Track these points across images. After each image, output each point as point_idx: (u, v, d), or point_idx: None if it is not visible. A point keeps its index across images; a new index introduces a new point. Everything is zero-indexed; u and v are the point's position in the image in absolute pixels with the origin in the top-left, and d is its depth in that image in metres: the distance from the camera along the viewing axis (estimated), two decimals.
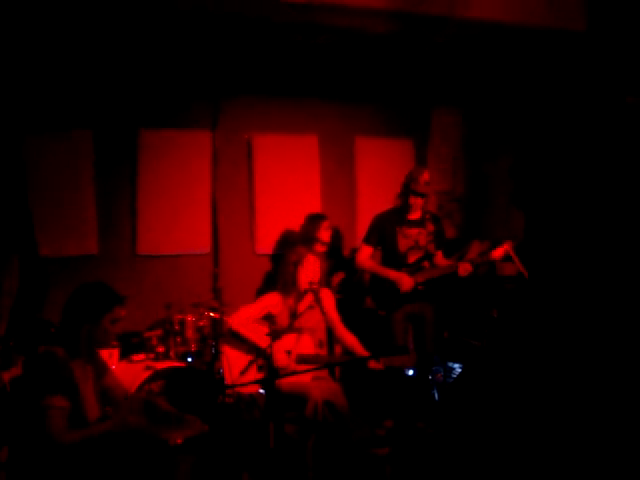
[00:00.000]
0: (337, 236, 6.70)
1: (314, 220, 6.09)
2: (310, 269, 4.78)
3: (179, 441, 3.26)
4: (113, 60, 6.10)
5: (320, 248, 5.90)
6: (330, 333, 5.05)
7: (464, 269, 5.43)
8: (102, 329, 3.40)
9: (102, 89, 6.26)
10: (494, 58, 6.63)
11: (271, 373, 4.43)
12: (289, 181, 6.92)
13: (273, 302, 4.85)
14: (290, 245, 5.76)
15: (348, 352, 4.91)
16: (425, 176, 5.53)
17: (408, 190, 5.51)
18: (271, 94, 6.88)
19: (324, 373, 4.82)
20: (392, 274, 5.52)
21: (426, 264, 5.60)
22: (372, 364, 4.51)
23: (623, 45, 5.80)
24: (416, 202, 5.52)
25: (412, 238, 5.59)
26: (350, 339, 4.84)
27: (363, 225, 6.26)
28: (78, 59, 5.96)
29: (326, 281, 5.03)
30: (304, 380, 4.60)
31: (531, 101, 6.97)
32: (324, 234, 6.02)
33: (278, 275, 5.08)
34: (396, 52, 6.47)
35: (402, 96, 7.40)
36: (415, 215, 5.63)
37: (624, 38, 5.77)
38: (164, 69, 6.35)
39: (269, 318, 4.85)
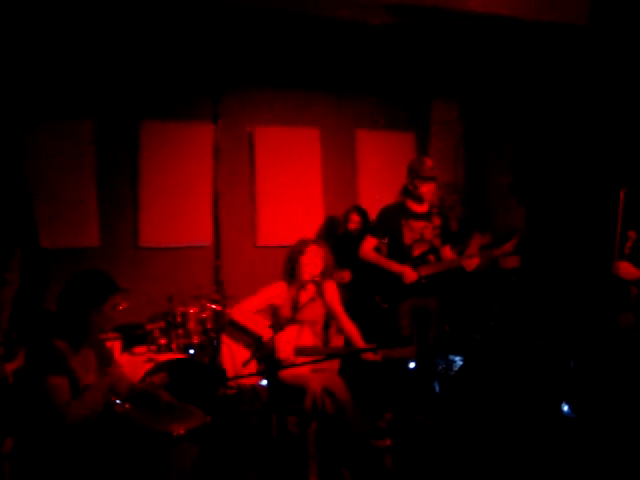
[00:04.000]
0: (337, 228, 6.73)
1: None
2: (312, 260, 4.77)
3: (182, 432, 3.27)
4: (115, 50, 6.10)
5: (352, 226, 6.26)
6: (326, 325, 5.04)
7: (471, 263, 5.41)
8: (104, 315, 3.41)
9: (104, 79, 6.26)
10: (494, 50, 6.63)
11: (273, 365, 4.45)
12: (290, 174, 6.93)
13: (276, 292, 4.84)
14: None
15: (349, 343, 4.91)
16: (428, 162, 5.54)
17: (416, 176, 5.48)
18: (273, 87, 6.90)
19: (326, 365, 4.82)
20: (395, 266, 5.51)
21: (431, 258, 5.59)
22: (369, 356, 4.49)
23: (624, 39, 5.78)
24: (428, 188, 5.48)
25: (418, 231, 5.57)
26: (351, 330, 4.84)
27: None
28: (80, 49, 5.95)
29: (330, 275, 5.01)
30: (303, 372, 4.61)
31: (531, 93, 6.97)
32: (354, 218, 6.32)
33: (282, 266, 5.07)
34: (396, 45, 6.46)
35: (403, 89, 7.41)
36: (422, 208, 5.60)
37: (625, 32, 5.76)
38: (166, 60, 6.35)
39: (272, 309, 4.85)
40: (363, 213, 6.51)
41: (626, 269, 4.62)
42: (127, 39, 5.95)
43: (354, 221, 6.47)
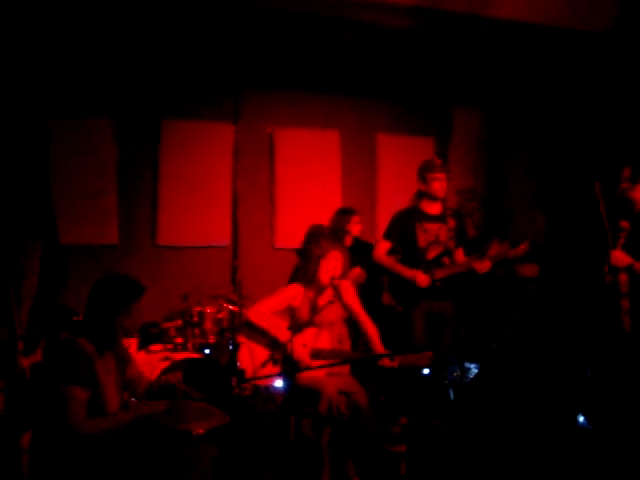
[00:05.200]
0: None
1: (344, 214, 6.09)
2: (333, 264, 4.76)
3: (202, 431, 3.26)
4: (138, 50, 6.13)
5: (348, 242, 5.90)
6: (352, 328, 5.02)
7: (483, 266, 5.39)
8: (132, 318, 3.42)
9: (126, 78, 6.29)
10: (516, 57, 6.60)
11: (291, 367, 4.44)
12: (310, 176, 6.93)
13: (293, 294, 4.83)
14: (313, 238, 5.75)
15: (367, 344, 4.89)
16: (437, 160, 5.67)
17: (427, 172, 5.52)
18: (294, 89, 6.90)
19: (343, 369, 4.81)
20: (407, 272, 5.49)
21: (446, 260, 5.57)
22: (386, 362, 4.48)
23: None
24: (440, 183, 5.50)
25: (432, 233, 5.56)
26: (372, 332, 4.81)
27: (383, 221, 6.26)
28: (103, 47, 5.99)
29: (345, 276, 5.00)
30: (319, 375, 4.59)
31: (553, 100, 6.94)
32: (355, 227, 6.02)
33: (301, 268, 5.06)
34: (419, 49, 6.46)
35: (424, 94, 7.40)
36: (436, 210, 5.61)
37: None
38: (189, 60, 6.37)
39: (290, 311, 4.84)
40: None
41: (618, 257, 4.66)
42: (150, 38, 5.98)
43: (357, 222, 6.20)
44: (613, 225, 4.76)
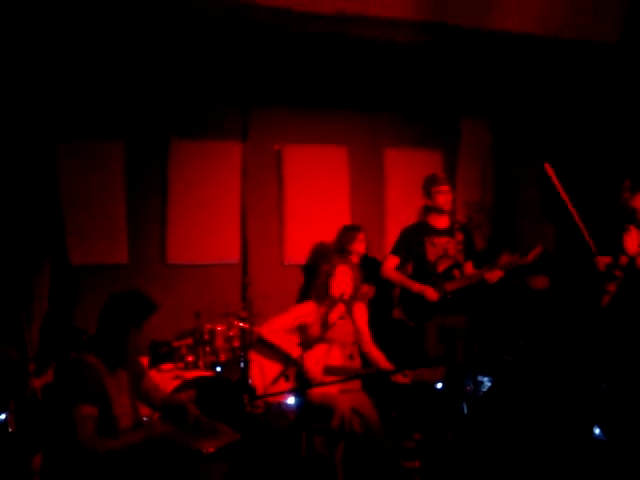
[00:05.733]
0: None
1: (349, 231, 6.10)
2: (342, 279, 4.76)
3: (212, 450, 3.25)
4: (146, 71, 6.14)
5: (355, 259, 5.90)
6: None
7: (494, 275, 5.37)
8: (143, 335, 3.42)
9: (135, 99, 6.32)
10: (523, 68, 6.60)
11: (303, 383, 4.43)
12: (318, 192, 6.92)
13: (306, 312, 4.84)
14: (323, 255, 5.75)
15: (372, 366, 4.88)
16: (440, 173, 5.83)
17: (431, 186, 5.58)
18: (301, 105, 6.91)
19: (355, 385, 4.79)
20: (416, 286, 5.49)
21: (456, 273, 5.56)
22: (399, 378, 4.46)
23: None
24: (445, 197, 5.53)
25: (441, 247, 5.57)
26: (377, 355, 4.81)
27: (392, 236, 6.23)
28: (112, 69, 6.00)
29: (359, 294, 5.01)
30: (332, 392, 4.58)
31: (560, 111, 6.94)
32: (359, 246, 6.03)
33: (311, 285, 5.07)
34: (425, 63, 6.45)
35: (431, 107, 7.39)
36: (443, 224, 5.63)
37: None
38: (196, 80, 6.38)
39: (301, 328, 4.84)
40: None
41: (601, 261, 4.80)
42: (158, 60, 6.00)
43: (362, 240, 6.18)
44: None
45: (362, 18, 5.40)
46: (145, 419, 3.67)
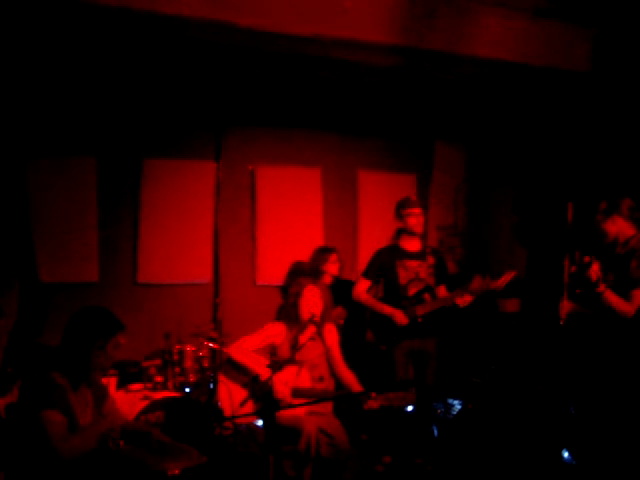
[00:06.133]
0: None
1: (322, 253, 6.13)
2: (311, 300, 4.75)
3: (177, 472, 3.22)
4: (118, 90, 6.13)
5: (327, 280, 5.90)
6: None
7: (464, 300, 5.39)
8: (107, 354, 3.38)
9: (107, 118, 6.29)
10: (496, 94, 6.68)
11: (270, 405, 4.39)
12: (291, 213, 6.92)
13: (276, 332, 4.82)
14: (294, 276, 5.75)
15: (344, 389, 4.86)
16: (412, 196, 5.84)
17: (402, 208, 5.62)
18: (275, 126, 6.92)
19: (324, 408, 4.76)
20: (386, 309, 5.51)
21: (427, 297, 5.58)
22: (368, 405, 4.42)
23: (627, 86, 5.84)
24: (416, 219, 5.56)
25: (412, 270, 5.60)
26: (349, 377, 4.80)
27: (364, 258, 6.26)
28: (84, 87, 5.99)
29: (329, 316, 5.00)
30: (299, 413, 4.56)
31: (534, 136, 7.02)
32: (331, 267, 6.05)
33: (282, 306, 5.06)
34: (399, 87, 6.52)
35: (405, 130, 7.45)
36: (415, 247, 5.65)
37: (628, 79, 5.82)
38: (169, 99, 6.38)
39: (271, 349, 4.82)
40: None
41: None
42: (131, 78, 6.00)
43: (335, 261, 6.20)
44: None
45: (338, 41, 5.42)
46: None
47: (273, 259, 6.80)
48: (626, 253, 4.70)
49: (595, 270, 4.51)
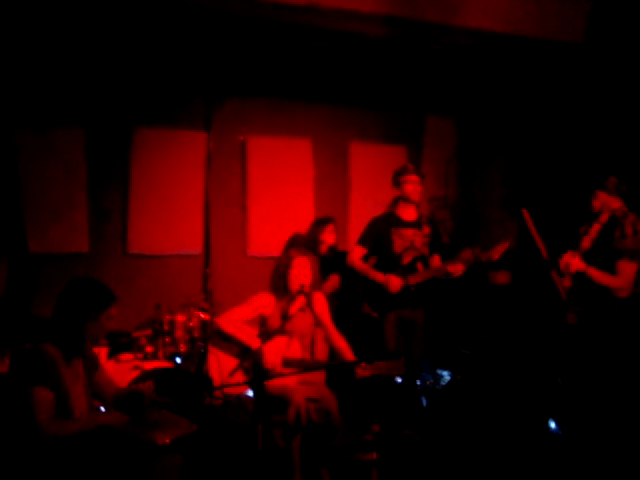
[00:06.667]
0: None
1: (320, 223, 6.10)
2: (300, 271, 4.74)
3: (167, 441, 3.22)
4: (108, 58, 6.06)
5: (323, 249, 5.91)
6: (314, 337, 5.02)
7: (457, 269, 5.40)
8: (100, 326, 3.37)
9: (96, 86, 6.24)
10: (489, 66, 6.64)
11: (260, 375, 4.41)
12: (282, 184, 6.91)
13: (265, 303, 4.81)
14: (287, 247, 5.75)
15: (337, 356, 4.88)
16: (410, 165, 5.77)
17: (400, 175, 5.59)
18: (266, 96, 6.89)
19: (316, 378, 4.78)
20: (379, 276, 5.51)
21: (419, 266, 5.58)
22: (359, 372, 4.45)
23: (620, 56, 5.82)
24: (414, 186, 5.55)
25: (408, 239, 5.59)
26: (341, 344, 4.80)
27: (355, 229, 6.27)
28: (73, 56, 5.92)
29: (319, 286, 5.00)
30: (289, 383, 4.57)
31: (525, 108, 6.99)
32: (328, 236, 6.04)
33: (271, 277, 5.05)
34: (391, 58, 6.47)
35: (397, 102, 7.41)
36: (411, 216, 5.64)
37: (621, 49, 5.79)
38: (160, 68, 6.32)
39: (261, 320, 4.82)
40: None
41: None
42: (121, 46, 5.92)
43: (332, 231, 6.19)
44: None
45: (332, 10, 5.38)
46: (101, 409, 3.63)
47: (264, 230, 6.80)
48: (610, 224, 4.71)
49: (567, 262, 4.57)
